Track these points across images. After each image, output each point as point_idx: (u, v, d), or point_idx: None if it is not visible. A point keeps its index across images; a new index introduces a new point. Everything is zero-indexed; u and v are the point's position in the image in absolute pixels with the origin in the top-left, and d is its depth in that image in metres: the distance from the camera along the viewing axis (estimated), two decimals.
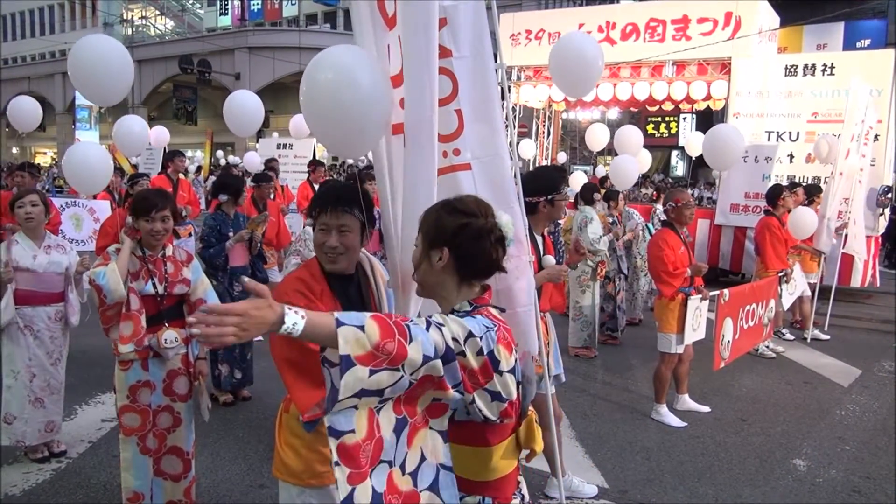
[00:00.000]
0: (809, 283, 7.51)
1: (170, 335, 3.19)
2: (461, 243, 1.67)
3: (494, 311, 1.72)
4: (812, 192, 7.78)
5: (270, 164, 9.42)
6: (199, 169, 20.80)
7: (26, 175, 7.36)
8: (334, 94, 2.07)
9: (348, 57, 2.14)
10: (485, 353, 1.55)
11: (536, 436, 1.73)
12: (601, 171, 15.86)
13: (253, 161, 9.23)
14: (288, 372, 2.08)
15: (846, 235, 7.89)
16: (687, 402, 5.23)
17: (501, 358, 1.58)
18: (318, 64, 2.12)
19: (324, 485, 2.24)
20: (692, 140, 11.87)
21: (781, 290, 6.41)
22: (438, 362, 1.49)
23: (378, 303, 2.35)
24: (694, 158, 11.45)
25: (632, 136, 8.76)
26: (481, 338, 1.55)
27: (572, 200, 7.11)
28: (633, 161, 8.05)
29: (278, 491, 2.34)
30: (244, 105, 6.87)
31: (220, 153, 28.82)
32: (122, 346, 3.12)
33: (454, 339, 1.52)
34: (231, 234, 5.10)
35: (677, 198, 4.92)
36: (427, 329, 1.49)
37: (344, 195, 2.22)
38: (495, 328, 1.61)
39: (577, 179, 10.56)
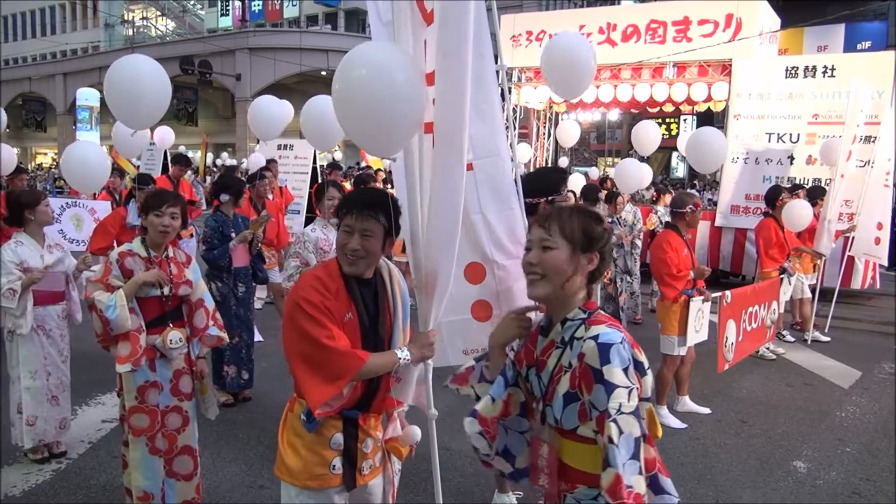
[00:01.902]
0: (809, 285, 7.52)
1: (174, 335, 3.21)
2: (604, 250, 1.76)
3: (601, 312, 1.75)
4: (815, 195, 7.77)
5: (267, 166, 9.41)
6: (196, 170, 20.83)
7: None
8: (369, 91, 2.02)
9: (382, 53, 2.11)
10: (633, 367, 1.60)
11: (657, 420, 1.74)
12: (596, 172, 15.89)
13: (259, 163, 9.27)
14: (301, 367, 2.11)
15: (852, 238, 7.88)
16: (687, 403, 5.22)
17: (642, 359, 1.64)
18: (352, 60, 2.07)
19: (322, 488, 2.23)
20: (683, 141, 11.88)
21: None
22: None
23: (393, 311, 2.34)
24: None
25: (649, 132, 8.76)
26: (630, 360, 1.59)
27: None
28: (639, 164, 8.04)
29: (280, 491, 2.34)
30: (268, 109, 6.56)
31: (224, 154, 28.92)
32: (119, 366, 3.11)
33: (629, 394, 1.56)
34: (233, 234, 5.10)
35: (697, 201, 4.99)
36: (633, 456, 1.54)
37: (372, 200, 2.21)
38: (622, 334, 1.63)
39: (576, 181, 10.61)
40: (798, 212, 6.74)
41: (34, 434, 4.02)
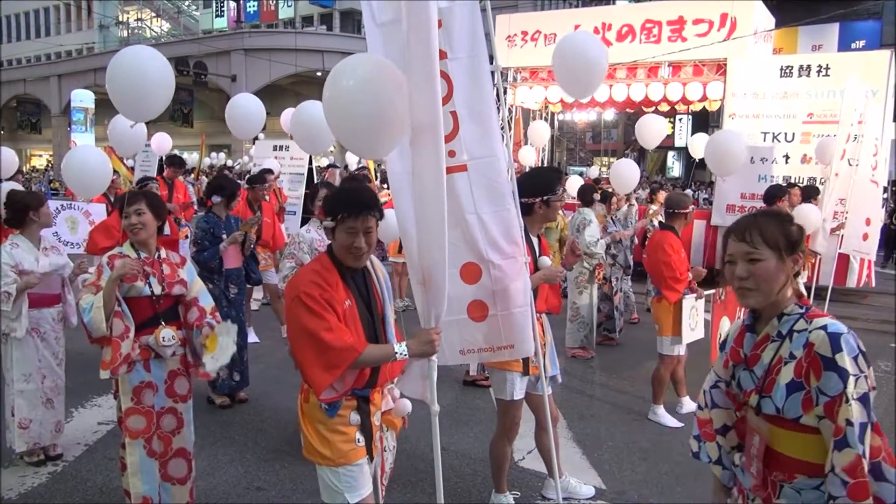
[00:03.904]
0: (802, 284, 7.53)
1: (167, 333, 3.19)
2: (804, 247, 1.86)
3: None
4: (810, 194, 7.79)
5: (269, 170, 9.40)
6: (191, 170, 20.74)
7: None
8: (355, 104, 2.18)
9: (369, 65, 2.24)
10: (861, 356, 1.70)
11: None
12: (595, 171, 15.88)
13: (272, 165, 9.31)
14: (303, 356, 2.32)
15: (842, 236, 7.90)
16: (688, 403, 5.14)
17: (864, 349, 1.73)
18: (342, 69, 2.23)
19: (355, 461, 2.40)
20: (695, 142, 11.91)
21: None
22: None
23: (381, 294, 2.58)
24: (697, 160, 11.47)
25: (653, 125, 8.76)
26: (858, 349, 1.70)
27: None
28: (633, 165, 8.06)
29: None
30: (246, 107, 6.80)
31: (221, 155, 28.84)
32: (101, 372, 3.10)
33: (857, 381, 1.66)
34: (224, 236, 5.09)
35: (695, 201, 4.94)
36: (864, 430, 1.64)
37: (367, 201, 2.40)
38: (846, 326, 1.74)
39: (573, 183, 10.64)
40: (806, 216, 6.72)
41: (28, 437, 4.01)
